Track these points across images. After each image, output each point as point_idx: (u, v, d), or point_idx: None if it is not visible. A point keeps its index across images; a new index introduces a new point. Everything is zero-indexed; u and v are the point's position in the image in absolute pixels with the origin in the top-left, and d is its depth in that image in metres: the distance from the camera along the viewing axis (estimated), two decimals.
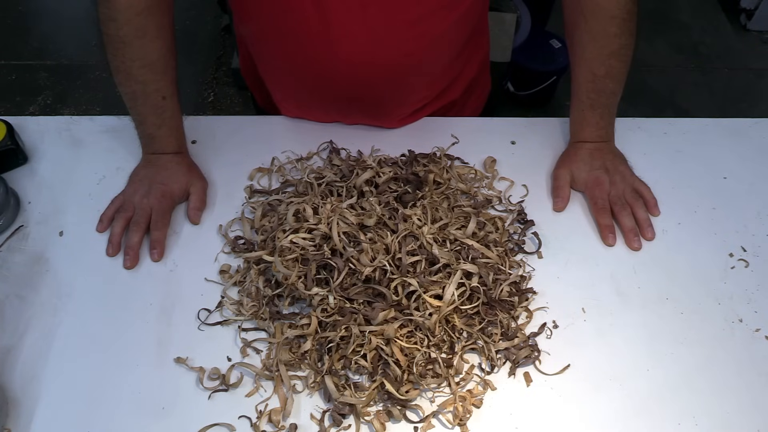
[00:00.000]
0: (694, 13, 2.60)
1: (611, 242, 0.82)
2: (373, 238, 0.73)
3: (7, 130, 0.87)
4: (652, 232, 0.83)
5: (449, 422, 0.67)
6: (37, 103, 2.21)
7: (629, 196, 0.85)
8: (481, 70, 0.98)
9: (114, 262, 0.79)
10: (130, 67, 0.79)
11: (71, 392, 0.68)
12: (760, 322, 0.75)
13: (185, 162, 0.87)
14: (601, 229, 0.83)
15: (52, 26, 2.49)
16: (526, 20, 2.01)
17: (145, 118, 0.83)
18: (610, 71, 0.82)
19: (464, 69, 0.94)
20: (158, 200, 0.82)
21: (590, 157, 0.87)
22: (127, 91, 0.82)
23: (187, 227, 0.83)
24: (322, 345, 0.70)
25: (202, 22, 2.49)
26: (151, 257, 0.79)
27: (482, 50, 0.97)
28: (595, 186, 0.85)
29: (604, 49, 0.81)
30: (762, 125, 0.98)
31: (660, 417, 0.68)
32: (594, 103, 0.85)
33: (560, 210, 0.86)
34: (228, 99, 2.26)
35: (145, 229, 0.81)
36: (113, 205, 0.83)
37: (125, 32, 0.77)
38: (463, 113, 1.00)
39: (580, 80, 0.85)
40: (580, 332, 0.74)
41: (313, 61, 0.83)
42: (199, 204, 0.84)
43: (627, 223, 0.83)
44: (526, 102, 2.19)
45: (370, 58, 0.81)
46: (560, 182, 0.87)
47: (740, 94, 2.31)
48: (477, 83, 0.99)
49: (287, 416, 0.67)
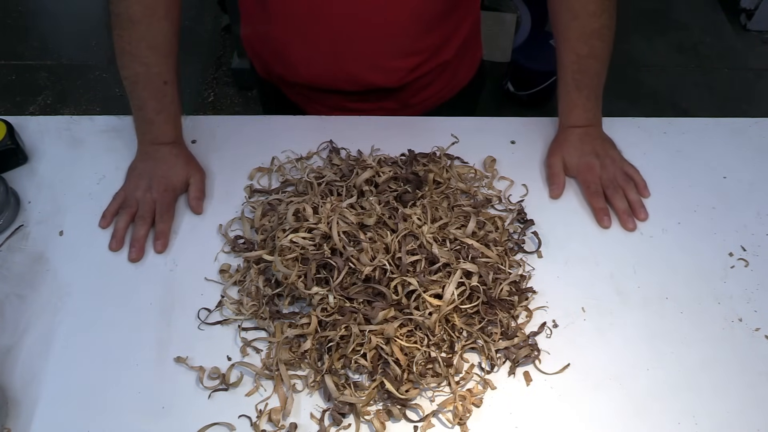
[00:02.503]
0: (694, 13, 2.60)
1: (606, 224, 0.84)
2: (373, 238, 0.73)
3: (7, 130, 0.87)
4: (644, 212, 0.85)
5: (449, 421, 0.67)
6: (37, 103, 2.21)
7: (620, 179, 0.87)
8: (473, 32, 1.01)
9: (114, 262, 0.79)
10: (136, 47, 0.81)
11: (71, 392, 0.68)
12: (759, 322, 0.75)
13: (183, 153, 0.88)
14: (596, 212, 0.85)
15: (52, 26, 2.49)
16: (526, 20, 2.01)
17: (145, 103, 0.84)
18: (593, 51, 0.85)
19: (457, 29, 0.96)
20: (161, 194, 0.83)
21: (580, 142, 0.89)
22: (129, 74, 0.83)
23: (187, 227, 0.83)
24: (322, 344, 0.70)
25: (202, 22, 2.50)
26: (155, 248, 0.80)
27: (474, 12, 1.00)
28: (587, 171, 0.88)
29: (586, 28, 0.85)
30: (762, 125, 0.98)
31: (660, 416, 0.68)
32: (579, 83, 0.88)
33: (557, 197, 0.88)
34: (228, 99, 2.26)
35: (151, 223, 0.82)
36: (115, 201, 0.84)
37: (135, 10, 0.80)
38: (459, 74, 1.02)
39: (565, 62, 0.88)
40: (580, 332, 0.74)
41: (322, 7, 0.84)
42: (200, 194, 0.86)
43: (620, 205, 0.85)
44: (526, 102, 2.20)
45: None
46: (554, 170, 0.89)
47: (740, 94, 2.31)
48: (469, 45, 1.01)
49: (287, 415, 0.67)
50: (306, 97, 1.01)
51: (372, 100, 0.98)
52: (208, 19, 2.50)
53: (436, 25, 0.91)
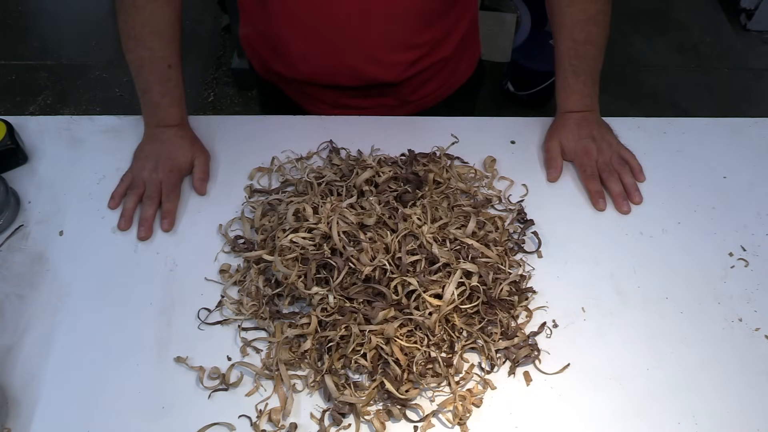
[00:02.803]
0: (694, 13, 2.59)
1: (602, 207, 0.86)
2: (373, 238, 0.73)
3: (7, 130, 0.87)
4: (639, 196, 0.87)
5: (449, 421, 0.67)
6: (37, 103, 2.21)
7: (616, 164, 0.89)
8: (471, 29, 1.02)
9: (114, 261, 0.79)
10: (140, 32, 0.84)
11: (71, 392, 0.68)
12: (759, 322, 0.75)
13: (188, 135, 0.89)
14: (591, 194, 0.87)
15: (52, 26, 2.49)
16: (526, 20, 2.01)
17: (150, 86, 0.86)
18: (589, 36, 0.86)
19: (456, 25, 0.96)
20: (166, 174, 0.85)
21: (577, 127, 0.90)
22: (134, 58, 0.85)
23: (187, 227, 0.83)
24: (321, 344, 0.70)
25: (202, 22, 2.50)
26: (162, 227, 0.82)
27: (472, 9, 1.01)
28: (584, 155, 0.89)
29: (582, 14, 0.86)
30: (762, 125, 0.98)
31: (660, 416, 0.68)
32: (576, 69, 0.88)
33: (554, 180, 0.89)
34: (228, 99, 2.26)
35: (158, 203, 0.84)
36: (123, 183, 0.86)
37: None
38: (458, 71, 1.03)
39: (562, 49, 0.89)
40: (580, 332, 0.74)
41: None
42: (204, 175, 0.87)
43: (615, 189, 0.86)
44: (526, 102, 2.19)
45: None
46: (552, 154, 0.91)
47: (740, 94, 2.31)
48: (468, 43, 1.02)
49: (287, 415, 0.67)
50: (305, 95, 1.01)
51: (371, 96, 0.98)
52: (208, 19, 2.50)
53: (435, 19, 0.91)
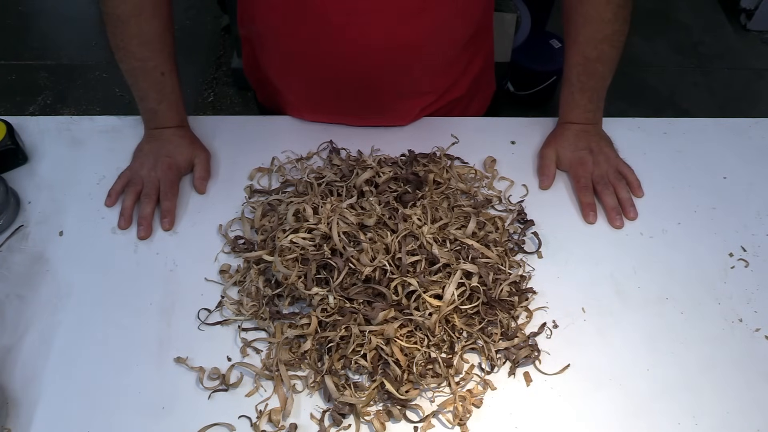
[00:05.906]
0: (694, 13, 2.59)
1: (592, 220, 0.84)
2: (373, 238, 0.73)
3: (7, 130, 0.87)
4: (634, 211, 0.85)
5: (449, 422, 0.67)
6: (37, 103, 2.21)
7: (612, 177, 0.87)
8: (485, 67, 1.00)
9: (114, 262, 0.79)
10: (128, 44, 0.82)
11: (71, 392, 0.68)
12: (760, 322, 0.75)
13: (188, 135, 0.89)
14: (582, 206, 0.85)
15: (52, 26, 2.49)
16: (526, 20, 2.01)
17: (146, 94, 0.86)
18: (601, 55, 0.84)
19: (469, 65, 0.95)
20: (165, 172, 0.85)
21: (576, 137, 0.89)
22: (127, 68, 0.85)
23: (187, 227, 0.83)
24: (322, 345, 0.70)
25: (202, 22, 2.49)
26: (162, 226, 0.82)
27: (486, 48, 0.98)
28: (579, 165, 0.88)
29: (597, 34, 0.83)
30: (762, 125, 0.98)
31: (660, 417, 0.68)
32: (584, 85, 0.87)
33: (546, 188, 0.88)
34: (228, 99, 2.26)
35: (156, 201, 0.83)
36: (121, 180, 0.85)
37: (122, 10, 0.80)
38: (468, 112, 1.01)
39: (571, 63, 0.87)
40: (580, 332, 0.74)
41: (323, 51, 0.84)
42: (204, 174, 0.87)
43: (609, 202, 0.84)
44: (526, 102, 2.19)
45: (376, 42, 0.81)
46: (546, 161, 0.89)
47: (740, 94, 2.31)
48: (481, 81, 1.00)
49: (287, 416, 0.67)
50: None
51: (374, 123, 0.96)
52: (208, 19, 2.50)
53: (447, 66, 0.90)
